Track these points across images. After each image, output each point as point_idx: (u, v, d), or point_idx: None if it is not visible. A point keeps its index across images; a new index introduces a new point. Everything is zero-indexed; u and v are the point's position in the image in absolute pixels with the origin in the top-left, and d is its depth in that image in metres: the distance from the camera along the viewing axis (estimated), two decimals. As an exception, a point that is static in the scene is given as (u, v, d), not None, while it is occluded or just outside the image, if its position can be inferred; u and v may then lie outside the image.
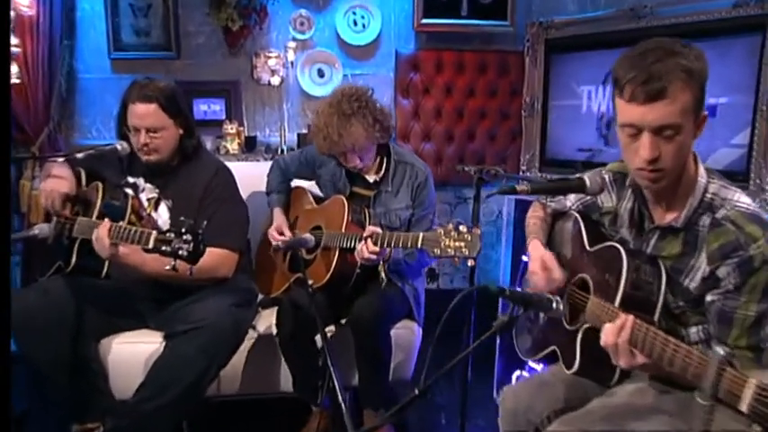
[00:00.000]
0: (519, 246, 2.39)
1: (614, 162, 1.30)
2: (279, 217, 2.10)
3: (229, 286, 1.84)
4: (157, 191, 1.90)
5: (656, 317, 1.03)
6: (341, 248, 1.78)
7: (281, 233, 2.04)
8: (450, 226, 1.41)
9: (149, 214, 1.88)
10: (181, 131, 1.86)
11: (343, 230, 1.81)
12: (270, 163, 2.22)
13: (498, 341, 1.96)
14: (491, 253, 3.16)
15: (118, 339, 1.86)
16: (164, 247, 1.47)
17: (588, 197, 1.31)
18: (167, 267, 1.44)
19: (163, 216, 1.88)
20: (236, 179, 2.49)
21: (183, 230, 1.46)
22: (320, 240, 1.85)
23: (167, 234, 1.47)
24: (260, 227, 2.21)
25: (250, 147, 2.93)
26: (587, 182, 1.15)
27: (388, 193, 1.89)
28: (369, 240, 1.66)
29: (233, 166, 2.65)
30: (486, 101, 2.98)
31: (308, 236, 1.83)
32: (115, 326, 1.84)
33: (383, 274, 1.79)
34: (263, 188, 2.18)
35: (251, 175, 2.26)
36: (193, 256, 1.46)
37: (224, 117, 2.98)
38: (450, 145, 3.01)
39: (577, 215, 1.35)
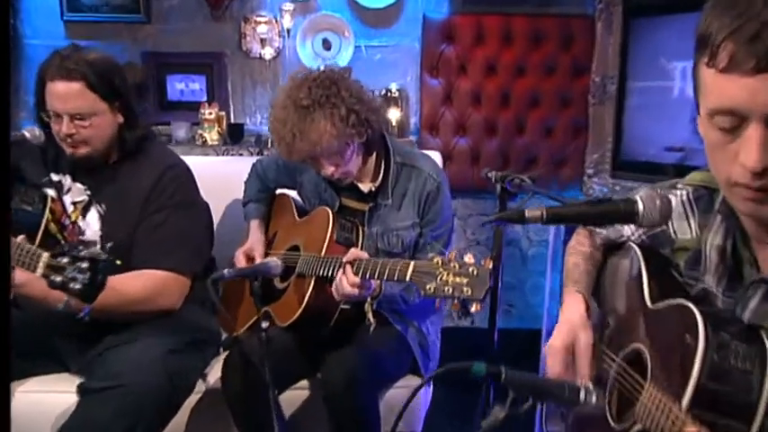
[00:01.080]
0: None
1: (699, 171, 1.08)
2: (254, 233, 2.01)
3: (173, 323, 1.74)
4: (88, 192, 1.80)
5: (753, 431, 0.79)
6: (318, 277, 1.66)
7: (251, 256, 1.92)
8: (452, 254, 1.29)
9: (75, 222, 1.78)
10: (119, 119, 1.77)
11: (322, 254, 1.70)
12: (253, 160, 2.15)
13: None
14: (541, 282, 2.94)
15: (25, 386, 1.73)
16: (53, 276, 1.33)
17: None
18: (59, 306, 1.30)
19: (92, 225, 1.78)
20: (211, 179, 2.35)
21: (80, 254, 1.31)
22: (294, 266, 1.76)
23: (60, 258, 1.32)
24: (236, 240, 2.10)
25: (235, 137, 2.84)
26: (640, 206, 0.91)
27: (387, 207, 1.78)
28: (349, 268, 1.53)
29: (210, 161, 2.64)
30: (540, 81, 2.87)
31: (271, 260, 1.70)
32: (25, 368, 1.73)
33: (370, 316, 1.63)
34: (242, 192, 2.12)
35: (232, 174, 2.17)
36: (87, 292, 1.31)
37: (205, 98, 2.92)
38: (491, 140, 2.90)
39: (637, 250, 1.14)
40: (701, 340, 0.85)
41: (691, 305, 0.91)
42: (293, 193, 2.06)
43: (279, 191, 2.11)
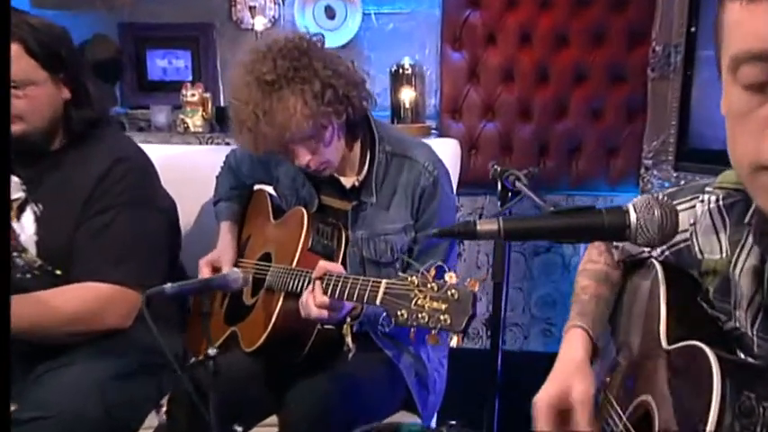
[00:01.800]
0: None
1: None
2: (223, 238, 1.98)
3: (121, 344, 1.72)
4: (24, 188, 1.76)
5: None
6: (287, 292, 1.63)
7: (217, 266, 1.89)
8: (431, 272, 1.22)
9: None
10: (65, 95, 1.73)
11: (293, 264, 1.66)
12: None
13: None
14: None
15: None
16: None
17: (680, 238, 0.99)
18: None
19: (27, 229, 1.74)
20: (192, 171, 2.32)
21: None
22: (262, 279, 1.74)
23: None
24: (213, 245, 2.06)
25: (223, 122, 2.78)
26: (632, 217, 0.80)
27: (373, 207, 1.73)
28: (318, 286, 1.48)
29: (191, 151, 2.63)
30: (586, 53, 2.72)
31: (231, 272, 1.67)
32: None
33: (349, 340, 1.56)
34: None
35: (217, 167, 2.14)
36: None
37: (190, 77, 2.89)
38: (525, 125, 2.79)
39: (660, 271, 1.05)
40: (713, 402, 0.72)
41: (706, 350, 0.78)
42: (272, 190, 2.01)
43: (256, 187, 2.06)
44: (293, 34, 1.62)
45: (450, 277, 1.19)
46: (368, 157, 1.73)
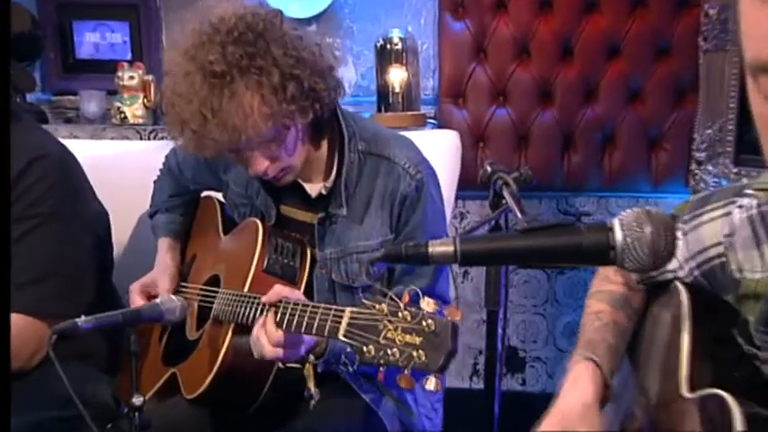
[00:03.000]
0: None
1: None
2: (161, 258, 2.00)
3: (28, 392, 1.73)
4: None
5: None
6: (238, 325, 1.64)
7: (152, 294, 1.90)
8: (405, 298, 1.22)
9: None
10: None
11: (245, 289, 1.67)
12: None
13: None
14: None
15: None
16: None
17: (712, 253, 0.99)
18: None
19: None
20: (131, 173, 2.34)
21: None
22: (209, 307, 1.75)
23: None
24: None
25: None
26: (617, 236, 0.81)
27: (344, 219, 1.75)
28: (270, 317, 1.49)
29: (129, 148, 2.63)
30: (620, 20, 2.75)
31: (165, 299, 1.68)
32: None
33: (311, 384, 1.56)
34: None
35: (152, 169, 2.16)
36: None
37: (129, 56, 2.92)
38: (545, 110, 2.83)
39: (684, 297, 1.05)
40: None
41: (730, 402, 0.78)
42: (222, 197, 2.02)
43: (204, 194, 2.07)
44: (244, 10, 1.60)
45: (427, 304, 1.18)
46: (337, 159, 1.73)
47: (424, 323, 1.18)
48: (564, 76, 2.76)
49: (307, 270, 1.72)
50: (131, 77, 2.72)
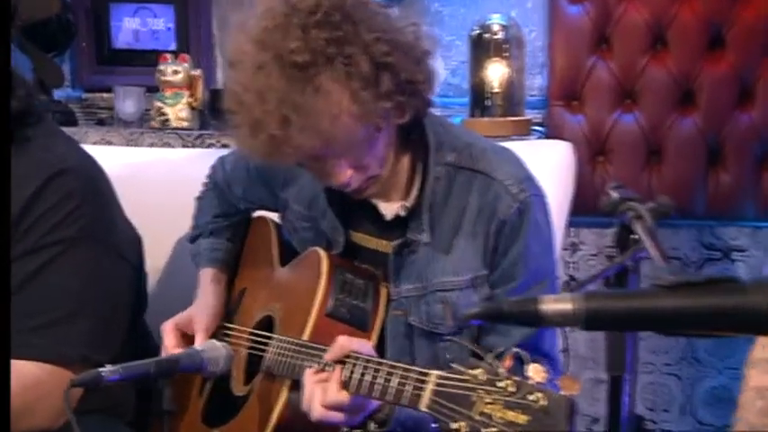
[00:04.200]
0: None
1: None
2: (203, 291, 2.02)
3: None
4: None
5: None
6: (296, 382, 1.66)
7: (188, 333, 1.93)
8: (506, 362, 1.22)
9: None
10: None
11: (305, 336, 1.70)
12: None
13: None
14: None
15: None
16: None
17: None
18: None
19: None
20: (173, 187, 2.41)
21: None
22: (261, 357, 1.78)
23: None
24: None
25: (221, 114, 2.80)
26: None
27: (427, 248, 1.75)
28: (334, 374, 1.52)
29: (171, 158, 2.71)
30: None
31: (209, 346, 1.73)
32: None
33: None
34: None
35: (198, 183, 2.20)
36: None
37: (173, 45, 3.01)
38: (685, 116, 2.84)
39: None
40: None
41: None
42: (277, 218, 2.05)
43: (256, 213, 2.11)
44: None
45: (536, 371, 1.19)
46: (420, 173, 1.75)
47: (531, 397, 1.19)
48: (711, 72, 2.77)
49: (380, 313, 1.74)
50: (175, 72, 2.79)
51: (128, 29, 3.03)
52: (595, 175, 2.78)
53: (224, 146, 2.72)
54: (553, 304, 0.86)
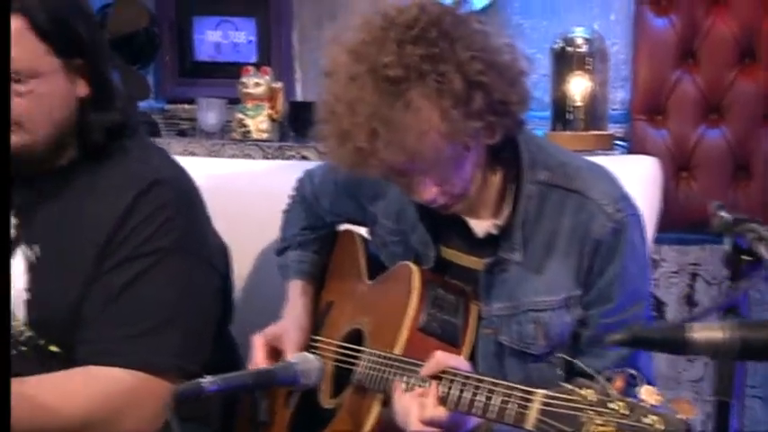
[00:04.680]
0: None
1: None
2: (292, 304, 2.02)
3: None
4: (14, 221, 1.87)
5: None
6: (387, 395, 1.66)
7: (278, 348, 1.93)
8: (618, 381, 1.22)
9: (-16, 275, 1.84)
10: (81, 91, 1.83)
11: (397, 350, 1.69)
12: None
13: None
14: None
15: None
16: None
17: None
18: None
19: (15, 281, 1.83)
20: (255, 199, 2.41)
21: None
22: (349, 370, 1.77)
23: None
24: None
25: (301, 126, 2.91)
26: None
27: (518, 268, 1.73)
28: (432, 388, 1.51)
29: (253, 169, 2.73)
30: None
31: (302, 359, 1.70)
32: None
33: None
34: None
35: (281, 194, 2.21)
36: None
37: (254, 58, 3.05)
38: None
39: None
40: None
41: None
42: (365, 231, 2.05)
43: (342, 227, 2.11)
44: (425, 0, 1.63)
45: (648, 393, 1.17)
46: (512, 191, 1.74)
47: (646, 420, 1.18)
48: None
49: (470, 330, 1.72)
50: (257, 84, 2.84)
51: (210, 41, 3.09)
52: (679, 191, 2.77)
53: (304, 157, 2.80)
54: (703, 332, 0.86)
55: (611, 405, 1.21)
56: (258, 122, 2.84)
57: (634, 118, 2.82)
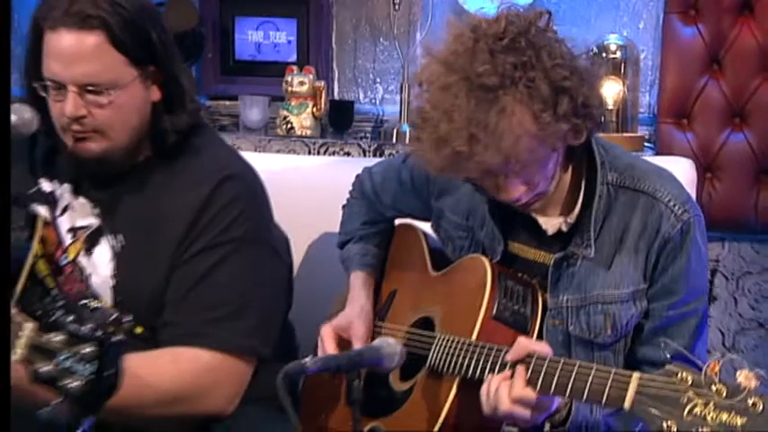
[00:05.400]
0: None
1: None
2: (355, 295, 2.05)
3: None
4: (98, 213, 1.91)
5: None
6: (463, 379, 1.69)
7: (345, 337, 1.97)
8: (713, 365, 1.25)
9: (74, 262, 1.88)
10: (154, 96, 1.88)
11: (474, 336, 1.72)
12: (371, 163, 2.24)
13: None
14: None
15: None
16: (40, 364, 1.42)
17: None
18: (43, 411, 1.38)
19: (101, 269, 1.88)
20: (299, 194, 2.44)
21: (87, 327, 1.40)
22: (424, 354, 1.79)
23: (53, 334, 1.42)
24: (328, 305, 2.18)
25: (340, 124, 2.96)
26: None
27: (588, 261, 1.77)
28: (519, 371, 1.54)
29: (299, 164, 2.73)
30: None
31: (386, 343, 1.73)
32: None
33: None
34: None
35: (334, 188, 2.27)
36: (90, 397, 1.39)
37: (294, 57, 3.07)
38: None
39: None
40: None
41: None
42: (425, 226, 2.08)
43: (399, 221, 2.15)
44: (510, 13, 1.68)
45: (747, 378, 1.19)
46: (582, 190, 1.78)
47: (749, 401, 1.19)
48: None
49: (538, 319, 1.76)
50: (301, 83, 2.88)
51: (251, 41, 3.10)
52: (703, 192, 2.77)
53: (347, 154, 2.83)
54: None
55: (712, 387, 1.23)
56: (302, 119, 2.88)
57: (660, 121, 2.83)
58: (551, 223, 1.80)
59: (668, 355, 1.62)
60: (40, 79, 1.83)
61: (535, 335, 1.75)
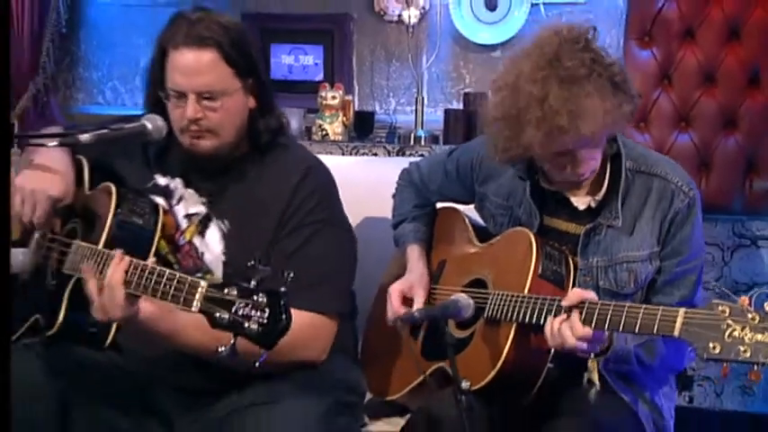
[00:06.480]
0: None
1: None
2: (414, 264, 2.12)
3: (320, 378, 1.89)
4: (206, 202, 1.97)
5: None
6: (520, 324, 1.77)
7: (408, 297, 2.05)
8: (745, 300, 1.34)
9: (190, 242, 1.94)
10: (251, 103, 1.95)
11: (526, 291, 1.80)
12: (394, 161, 2.30)
13: None
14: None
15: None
16: (218, 313, 1.48)
17: None
18: (221, 350, 1.46)
19: (213, 247, 1.94)
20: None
21: (254, 283, 1.47)
22: (484, 306, 1.86)
23: (227, 289, 1.49)
24: (372, 275, 2.25)
25: (363, 130, 3.03)
26: None
27: (613, 230, 1.87)
28: (575, 314, 1.62)
29: (333, 163, 2.77)
30: None
31: (461, 297, 1.82)
32: (120, 429, 1.91)
33: (595, 377, 1.72)
34: (382, 208, 2.27)
35: (362, 182, 2.33)
36: (269, 336, 1.46)
37: (321, 77, 3.14)
38: (728, 137, 2.95)
39: None
40: None
41: None
42: (464, 210, 2.16)
43: (440, 205, 2.23)
44: (564, 26, 1.79)
45: None
46: (608, 173, 1.87)
47: None
48: (750, 104, 2.87)
49: (571, 277, 1.84)
50: (333, 97, 2.97)
51: (284, 64, 3.17)
52: None
53: (374, 155, 2.90)
54: None
55: (748, 315, 1.32)
56: (334, 127, 2.96)
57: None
58: (581, 201, 1.89)
59: (675, 301, 1.77)
60: (165, 90, 1.91)
61: (569, 289, 1.81)
